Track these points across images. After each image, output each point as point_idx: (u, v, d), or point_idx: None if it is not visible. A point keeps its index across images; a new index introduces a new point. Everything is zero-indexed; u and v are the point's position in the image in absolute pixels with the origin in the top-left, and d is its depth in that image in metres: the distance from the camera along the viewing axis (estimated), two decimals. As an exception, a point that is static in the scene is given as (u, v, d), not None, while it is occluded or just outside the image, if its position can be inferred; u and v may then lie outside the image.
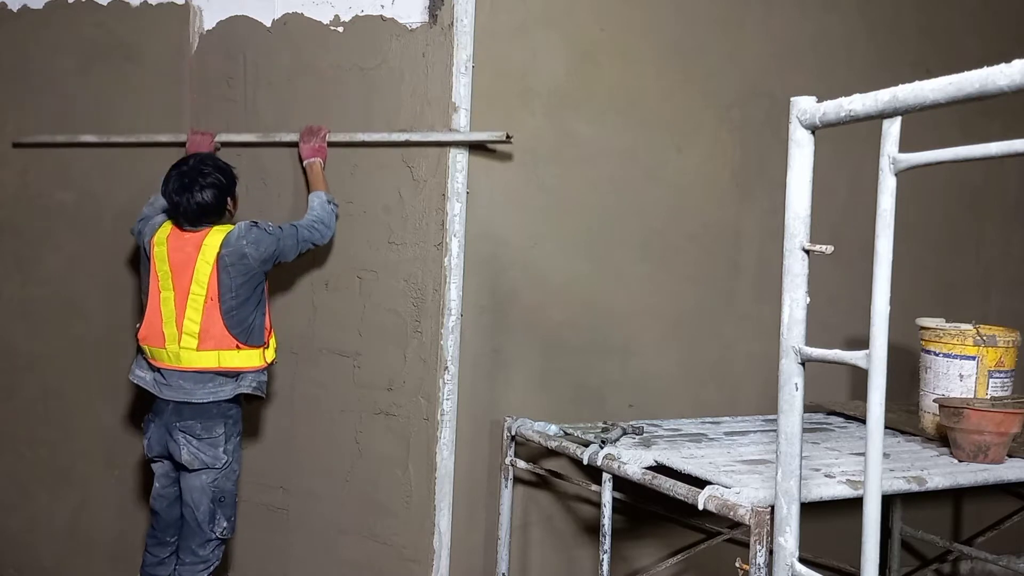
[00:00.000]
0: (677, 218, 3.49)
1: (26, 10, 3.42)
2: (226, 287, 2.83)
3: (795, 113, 1.66)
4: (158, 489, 3.02)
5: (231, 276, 2.84)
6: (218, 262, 2.83)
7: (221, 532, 2.94)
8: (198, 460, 2.87)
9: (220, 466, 2.90)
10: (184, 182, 2.83)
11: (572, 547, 3.38)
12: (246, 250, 2.84)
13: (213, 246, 2.84)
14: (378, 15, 3.11)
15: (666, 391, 3.50)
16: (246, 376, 2.92)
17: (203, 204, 2.84)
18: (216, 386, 2.89)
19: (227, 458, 2.90)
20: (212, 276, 2.83)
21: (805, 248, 1.65)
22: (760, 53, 3.61)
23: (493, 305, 3.19)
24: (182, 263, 2.86)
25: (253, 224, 2.90)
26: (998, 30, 4.13)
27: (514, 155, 3.18)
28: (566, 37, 3.25)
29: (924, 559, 4.04)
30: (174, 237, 2.89)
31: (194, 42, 3.30)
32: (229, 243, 2.84)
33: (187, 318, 2.85)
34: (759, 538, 2.17)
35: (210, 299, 2.84)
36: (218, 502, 2.93)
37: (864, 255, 1.74)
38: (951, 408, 2.81)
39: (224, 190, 2.89)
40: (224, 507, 2.94)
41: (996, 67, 1.24)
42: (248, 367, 2.90)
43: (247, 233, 2.87)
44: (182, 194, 2.82)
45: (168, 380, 2.90)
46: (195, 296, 2.85)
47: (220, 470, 2.91)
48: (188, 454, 2.87)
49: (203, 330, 2.84)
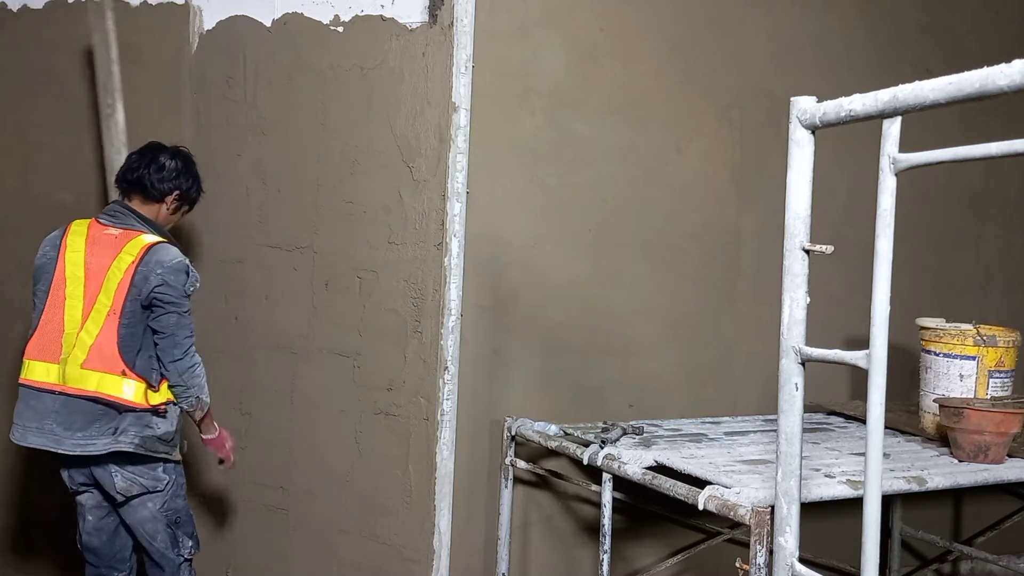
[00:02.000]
0: (677, 218, 3.49)
1: (26, 10, 3.42)
2: (127, 306, 2.56)
3: (795, 113, 1.66)
4: (92, 523, 2.73)
5: (131, 298, 2.56)
6: (132, 276, 2.56)
7: (189, 552, 2.74)
8: (137, 485, 2.60)
9: (163, 487, 2.64)
10: (150, 148, 2.76)
11: (572, 547, 3.38)
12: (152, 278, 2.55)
13: (132, 253, 2.58)
14: (378, 15, 3.11)
15: (666, 391, 3.50)
16: (126, 419, 2.55)
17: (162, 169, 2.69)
18: (90, 435, 2.55)
19: (168, 477, 2.65)
20: (122, 287, 2.55)
21: (805, 248, 1.65)
22: (760, 53, 3.61)
23: (493, 305, 3.18)
24: (98, 267, 2.59)
25: (187, 271, 2.62)
26: (998, 30, 4.13)
27: (514, 155, 3.18)
28: (566, 37, 3.25)
29: (924, 559, 4.04)
30: (94, 235, 2.64)
31: (194, 42, 3.30)
32: (148, 261, 2.57)
33: (84, 329, 2.56)
34: (759, 538, 2.17)
35: (112, 312, 2.56)
36: (175, 524, 2.70)
37: (864, 255, 1.74)
38: (951, 408, 2.81)
39: (180, 178, 2.73)
40: (183, 526, 2.72)
41: (996, 67, 1.24)
42: (128, 401, 2.55)
43: (173, 271, 2.58)
44: (140, 155, 2.73)
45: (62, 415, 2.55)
46: (100, 305, 2.57)
47: (163, 492, 2.65)
48: (123, 480, 2.58)
49: (96, 345, 2.55)
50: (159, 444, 2.62)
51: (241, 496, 3.29)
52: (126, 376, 2.56)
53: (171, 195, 2.76)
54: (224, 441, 2.86)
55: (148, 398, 2.59)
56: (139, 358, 2.59)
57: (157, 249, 2.61)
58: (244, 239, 3.28)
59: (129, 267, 2.57)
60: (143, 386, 2.59)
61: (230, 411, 3.28)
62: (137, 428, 2.58)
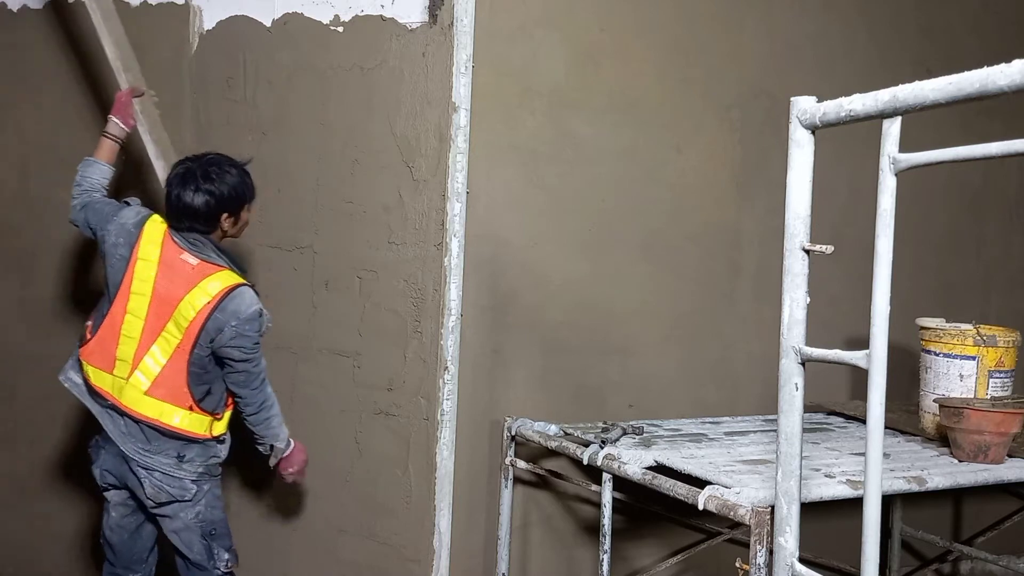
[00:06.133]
0: (677, 218, 3.49)
1: (26, 10, 3.42)
2: (201, 348, 2.51)
3: (795, 113, 1.66)
4: (115, 519, 2.70)
5: (204, 344, 2.51)
6: (206, 319, 2.48)
7: (225, 566, 2.68)
8: (164, 492, 2.56)
9: (190, 498, 2.58)
10: (186, 177, 2.53)
11: (572, 547, 3.38)
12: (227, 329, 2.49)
13: (210, 294, 2.48)
14: (378, 15, 3.11)
15: (666, 391, 3.50)
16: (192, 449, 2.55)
17: (189, 207, 2.50)
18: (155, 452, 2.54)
19: (196, 488, 2.59)
20: (194, 326, 2.49)
21: (805, 248, 1.65)
22: (760, 53, 3.61)
23: (493, 305, 3.19)
24: (168, 295, 2.50)
25: (259, 316, 2.54)
26: (998, 30, 4.13)
27: (514, 155, 3.18)
28: (566, 37, 3.25)
29: (924, 559, 4.04)
30: (169, 257, 2.52)
31: (194, 42, 3.30)
32: (225, 308, 2.48)
33: (150, 354, 2.50)
34: (759, 538, 2.17)
35: (182, 348, 2.50)
36: (210, 536, 2.65)
37: (864, 255, 1.74)
38: (951, 408, 2.81)
39: (223, 202, 2.54)
40: (218, 538, 2.67)
41: (996, 67, 1.24)
42: (190, 432, 2.54)
43: (247, 321, 2.51)
44: (176, 187, 2.52)
45: (118, 421, 2.55)
46: (168, 335, 2.51)
47: (193, 502, 2.60)
48: (152, 487, 2.55)
49: (162, 376, 2.50)
50: (218, 467, 2.68)
51: (241, 496, 3.29)
52: (193, 411, 2.54)
53: (219, 222, 2.60)
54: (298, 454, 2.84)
55: (212, 429, 2.59)
56: (206, 394, 2.56)
57: (234, 296, 2.51)
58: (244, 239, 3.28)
59: (204, 308, 2.48)
60: (208, 419, 2.58)
61: (230, 411, 3.28)
62: (203, 458, 2.59)
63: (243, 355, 2.55)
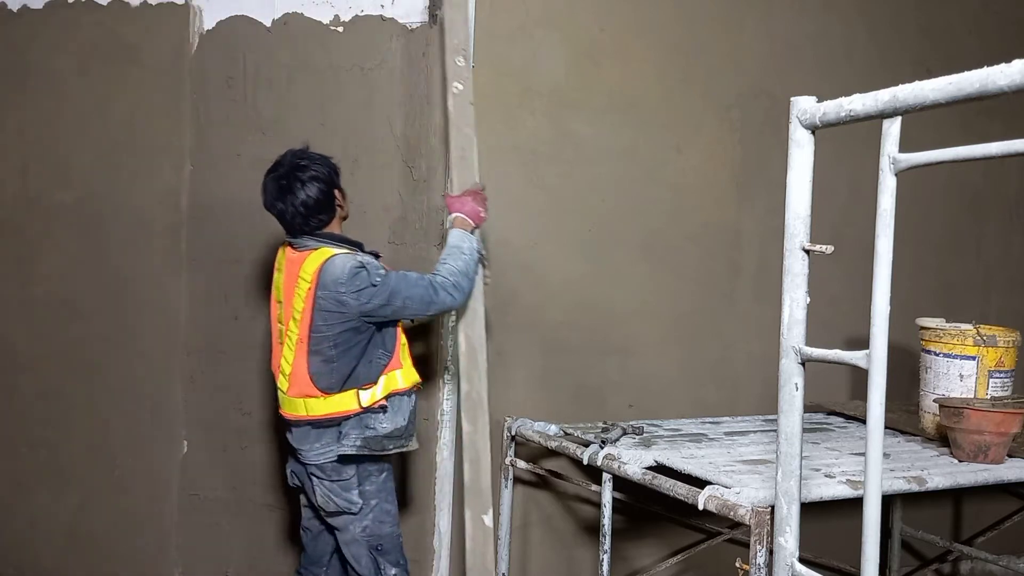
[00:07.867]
0: (677, 218, 3.50)
1: (26, 10, 3.42)
2: (320, 333, 2.48)
3: (795, 113, 1.66)
4: (304, 520, 2.80)
5: (328, 323, 2.47)
6: (313, 303, 2.46)
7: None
8: (332, 503, 2.57)
9: (356, 511, 2.57)
10: (282, 184, 2.51)
11: (572, 547, 3.38)
12: (345, 298, 2.43)
13: (307, 279, 2.47)
14: (378, 15, 3.11)
15: (666, 391, 3.50)
16: (347, 424, 2.53)
17: (308, 202, 2.48)
18: (322, 446, 2.55)
19: (361, 502, 2.57)
20: (305, 315, 2.47)
21: (805, 248, 1.65)
22: (760, 53, 3.61)
23: (493, 305, 3.18)
24: (287, 295, 2.56)
25: (359, 267, 2.46)
26: (998, 30, 4.13)
27: (514, 155, 3.18)
28: (566, 37, 3.25)
29: (924, 559, 4.04)
30: (289, 256, 2.57)
31: (194, 42, 3.30)
32: (325, 284, 2.44)
33: (284, 358, 2.57)
34: (759, 538, 2.17)
35: (301, 341, 2.50)
36: (376, 550, 2.62)
37: (864, 255, 1.74)
38: (951, 408, 2.81)
39: (329, 182, 2.54)
40: (386, 554, 2.63)
41: (996, 67, 1.24)
42: (340, 412, 2.53)
43: (350, 279, 2.43)
44: (284, 197, 2.50)
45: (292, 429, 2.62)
46: (291, 334, 2.54)
47: (360, 516, 2.58)
48: (322, 496, 2.58)
49: (294, 374, 2.53)
50: (386, 442, 2.57)
51: (241, 496, 3.29)
52: (327, 396, 2.52)
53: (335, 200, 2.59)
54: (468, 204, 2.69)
55: (360, 401, 2.54)
56: (334, 375, 2.51)
57: (326, 268, 2.46)
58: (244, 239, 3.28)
59: (307, 294, 2.47)
60: (351, 393, 2.53)
61: (230, 411, 3.28)
62: (358, 431, 2.54)
63: (382, 300, 2.46)
